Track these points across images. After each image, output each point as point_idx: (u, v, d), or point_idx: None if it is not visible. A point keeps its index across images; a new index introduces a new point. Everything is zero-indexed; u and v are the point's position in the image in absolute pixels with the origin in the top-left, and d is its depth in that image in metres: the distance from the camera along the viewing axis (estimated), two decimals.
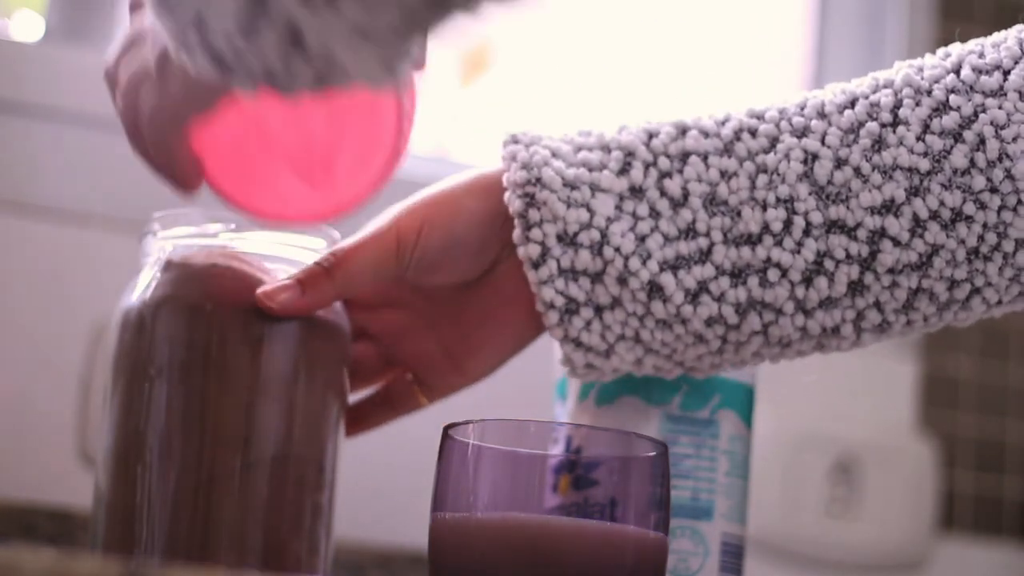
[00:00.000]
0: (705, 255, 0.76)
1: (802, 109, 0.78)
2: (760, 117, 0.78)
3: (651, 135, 0.79)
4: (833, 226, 0.76)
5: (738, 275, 0.76)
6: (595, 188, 0.77)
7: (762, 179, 0.76)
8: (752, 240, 0.76)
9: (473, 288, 0.82)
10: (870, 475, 1.32)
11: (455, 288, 0.82)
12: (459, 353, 0.84)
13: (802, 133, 0.77)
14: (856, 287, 0.76)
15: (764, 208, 0.76)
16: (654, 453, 0.71)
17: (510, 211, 0.77)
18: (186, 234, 0.83)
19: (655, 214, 0.77)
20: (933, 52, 0.80)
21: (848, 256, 0.76)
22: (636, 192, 0.77)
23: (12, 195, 1.12)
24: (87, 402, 1.10)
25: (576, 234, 0.76)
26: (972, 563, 1.36)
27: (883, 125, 0.76)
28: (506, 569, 0.68)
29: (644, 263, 0.76)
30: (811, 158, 0.76)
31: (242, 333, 0.79)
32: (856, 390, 1.34)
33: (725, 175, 0.77)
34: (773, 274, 0.76)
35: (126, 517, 0.79)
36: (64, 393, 1.10)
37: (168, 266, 0.82)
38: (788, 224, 0.76)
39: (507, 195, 0.78)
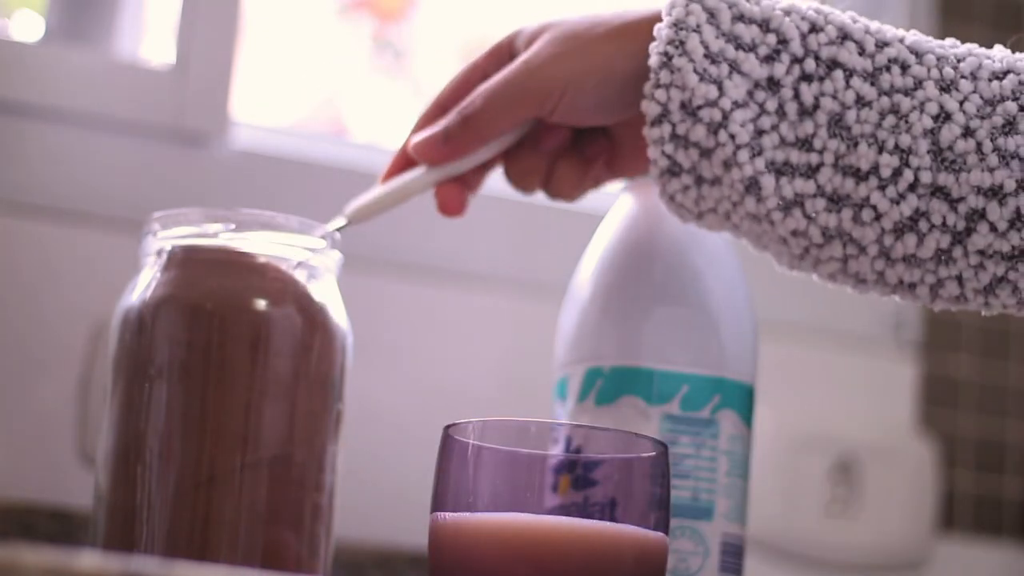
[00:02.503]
0: (812, 171, 0.77)
1: (959, 62, 0.77)
2: (918, 55, 0.78)
3: (813, 28, 0.78)
4: (938, 191, 0.76)
5: (835, 202, 0.77)
6: (734, 68, 0.77)
7: (890, 120, 0.76)
8: (859, 175, 0.76)
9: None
10: (870, 475, 1.32)
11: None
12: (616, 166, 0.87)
13: (946, 88, 0.77)
14: (943, 256, 0.76)
15: (881, 150, 0.76)
16: (654, 453, 0.71)
17: (649, 62, 0.78)
18: (186, 234, 0.83)
19: (781, 114, 0.77)
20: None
21: (944, 224, 0.76)
22: (772, 85, 0.77)
23: (12, 195, 1.12)
24: (87, 402, 1.10)
25: (699, 108, 0.77)
26: (972, 563, 1.36)
27: (1021, 108, 0.76)
28: (506, 569, 0.68)
29: (752, 158, 0.76)
30: (943, 117, 0.76)
31: (242, 333, 0.79)
32: (856, 390, 1.34)
33: (859, 101, 0.77)
34: (867, 214, 0.76)
35: (126, 517, 0.79)
36: (64, 393, 1.10)
37: (168, 266, 0.82)
38: (897, 173, 0.76)
39: (652, 45, 0.78)
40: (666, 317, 0.84)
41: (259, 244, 0.82)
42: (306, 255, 0.83)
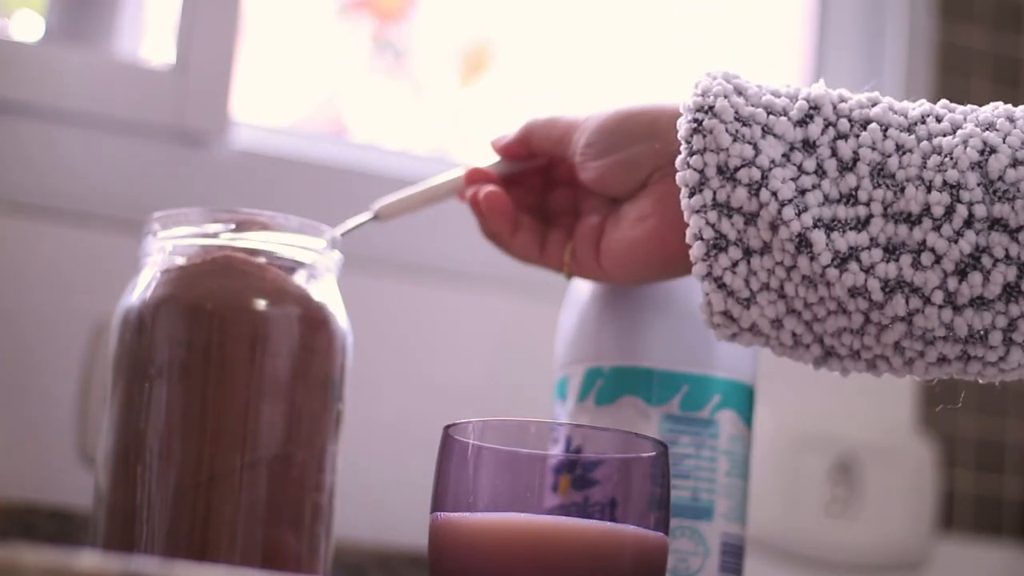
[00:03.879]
0: (862, 224, 0.75)
1: (994, 111, 0.77)
2: (950, 109, 0.77)
3: (843, 99, 0.77)
4: (996, 223, 0.74)
5: (891, 251, 0.74)
6: (768, 131, 0.76)
7: (934, 160, 0.75)
8: (911, 220, 0.74)
9: (627, 200, 0.83)
10: (870, 475, 1.32)
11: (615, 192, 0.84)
12: (605, 247, 0.84)
13: (987, 127, 0.75)
14: (1012, 291, 0.74)
15: (929, 189, 0.74)
16: (654, 453, 0.71)
17: (678, 135, 0.77)
18: (186, 234, 0.83)
19: (821, 172, 0.75)
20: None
21: (1007, 257, 0.73)
22: (808, 146, 0.76)
23: (12, 195, 1.12)
24: (87, 402, 1.10)
25: (737, 169, 0.75)
26: (972, 563, 1.36)
27: None
28: (506, 569, 0.68)
29: (799, 215, 0.74)
30: (988, 150, 0.74)
31: (242, 333, 0.79)
32: (856, 390, 1.34)
33: (900, 149, 0.75)
34: (927, 258, 0.74)
35: (126, 517, 0.79)
36: (64, 393, 1.10)
37: (168, 266, 0.82)
38: (950, 210, 0.74)
39: (679, 119, 0.77)
40: (666, 317, 0.84)
41: (259, 244, 0.82)
42: (308, 255, 0.83)
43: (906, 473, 1.33)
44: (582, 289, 0.87)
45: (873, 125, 0.76)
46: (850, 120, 0.76)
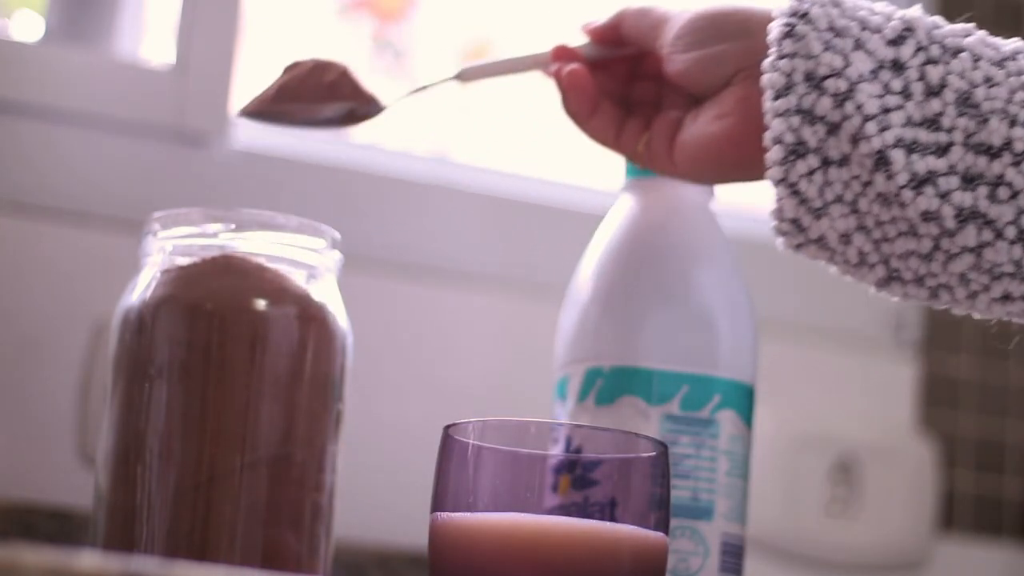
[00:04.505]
0: (942, 150, 0.74)
1: None
2: None
3: (937, 26, 0.77)
4: None
5: (969, 181, 0.74)
6: (859, 45, 0.75)
7: (1020, 96, 0.74)
8: (991, 152, 0.74)
9: (708, 95, 0.82)
10: (870, 475, 1.32)
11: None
12: (681, 144, 0.83)
13: None
14: None
15: (1012, 124, 0.74)
16: (654, 453, 0.71)
17: (769, 37, 0.76)
18: (186, 234, 0.83)
19: (907, 94, 0.75)
20: None
21: None
22: (897, 67, 0.76)
23: (12, 195, 1.12)
24: (87, 402, 1.10)
25: (824, 78, 0.74)
26: (972, 563, 1.36)
27: None
28: (506, 569, 0.68)
29: (881, 131, 0.74)
30: None
31: (242, 333, 0.79)
32: (856, 390, 1.34)
33: (988, 81, 0.75)
34: (1003, 192, 0.73)
35: (126, 517, 0.79)
36: (64, 393, 1.10)
37: (168, 266, 0.82)
38: None
39: (772, 23, 0.77)
40: (666, 317, 0.84)
41: (259, 244, 0.82)
42: (308, 256, 0.83)
43: (906, 473, 1.33)
44: (582, 289, 0.87)
45: (964, 54, 0.76)
46: (943, 46, 0.76)
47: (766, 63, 0.76)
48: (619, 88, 0.87)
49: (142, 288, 0.81)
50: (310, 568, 0.80)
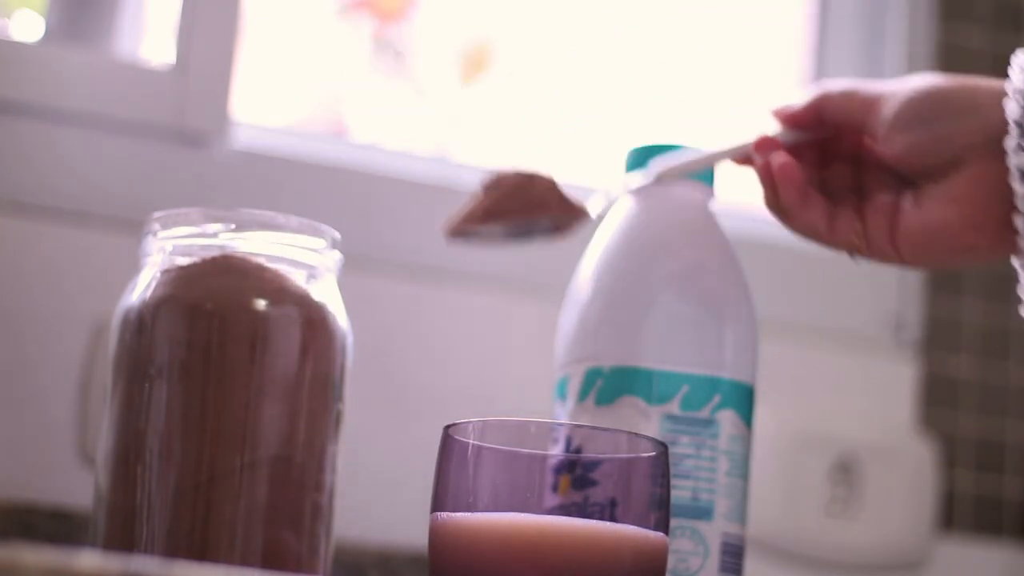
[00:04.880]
0: None
1: None
2: None
3: None
4: None
5: None
6: None
7: None
8: None
9: (930, 179, 0.79)
10: (870, 475, 1.32)
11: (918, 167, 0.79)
12: (903, 232, 0.80)
13: None
14: None
15: None
16: (654, 453, 0.71)
17: (1005, 115, 0.74)
18: (186, 234, 0.83)
19: None
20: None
21: None
22: None
23: (12, 195, 1.12)
24: (87, 402, 1.10)
25: None
26: (972, 563, 1.36)
27: None
28: (506, 569, 0.68)
29: None
30: None
31: (242, 333, 0.79)
32: (856, 390, 1.34)
33: None
34: None
35: (126, 517, 0.79)
36: (64, 393, 1.10)
37: (168, 266, 0.82)
38: None
39: (1006, 100, 0.74)
40: (666, 317, 0.84)
41: (259, 244, 0.82)
42: (308, 256, 0.83)
43: (906, 473, 1.33)
44: (582, 289, 0.87)
45: None
46: None
47: (1010, 144, 0.73)
48: (814, 172, 0.84)
49: (142, 288, 0.81)
50: (310, 568, 0.80)
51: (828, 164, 0.84)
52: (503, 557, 0.68)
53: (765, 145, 0.83)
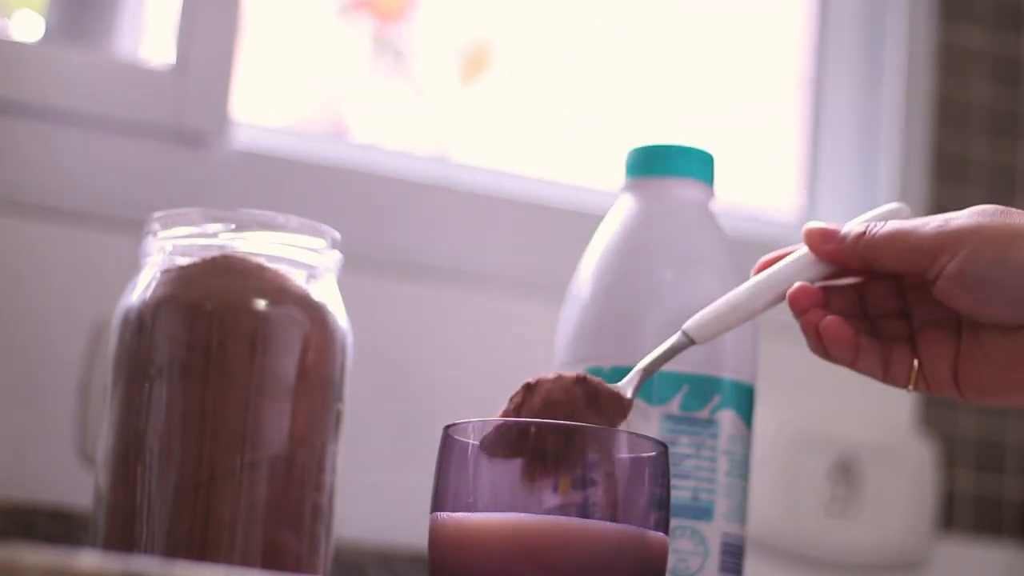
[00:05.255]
0: None
1: None
2: None
3: None
4: None
5: None
6: None
7: None
8: None
9: (999, 329, 0.76)
10: (870, 475, 1.32)
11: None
12: (966, 374, 0.77)
13: None
14: None
15: None
16: (654, 453, 0.71)
17: None
18: (186, 234, 0.83)
19: None
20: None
21: None
22: None
23: (12, 195, 1.12)
24: (87, 402, 1.10)
25: None
26: (972, 563, 1.36)
27: None
28: (506, 569, 0.68)
29: None
30: None
31: (242, 333, 0.79)
32: (856, 390, 1.34)
33: None
34: None
35: (126, 517, 0.79)
36: (64, 393, 1.10)
37: (168, 266, 0.82)
38: None
39: None
40: (665, 317, 0.84)
41: (259, 244, 0.82)
42: (308, 255, 0.83)
43: (906, 473, 1.33)
44: (582, 289, 0.87)
45: None
46: None
47: None
48: (854, 298, 0.80)
49: (142, 288, 0.81)
50: (310, 568, 0.80)
51: (868, 284, 0.81)
52: (503, 557, 0.68)
53: (804, 297, 0.78)
